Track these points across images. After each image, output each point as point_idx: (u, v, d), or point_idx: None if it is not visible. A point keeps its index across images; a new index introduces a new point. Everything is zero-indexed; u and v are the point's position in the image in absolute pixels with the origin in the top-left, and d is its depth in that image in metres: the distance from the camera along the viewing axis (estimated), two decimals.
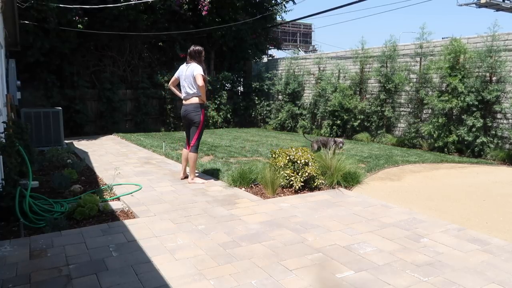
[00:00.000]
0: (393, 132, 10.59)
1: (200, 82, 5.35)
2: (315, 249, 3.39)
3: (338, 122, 11.53)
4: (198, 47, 5.61)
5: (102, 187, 5.32)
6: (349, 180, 5.58)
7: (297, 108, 13.26)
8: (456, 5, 25.27)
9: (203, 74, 5.40)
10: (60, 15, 10.37)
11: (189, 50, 5.61)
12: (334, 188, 5.48)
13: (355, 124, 11.14)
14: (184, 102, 5.66)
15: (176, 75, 5.77)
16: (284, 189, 5.31)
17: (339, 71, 11.94)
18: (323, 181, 5.49)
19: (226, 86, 14.96)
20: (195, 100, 5.53)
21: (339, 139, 7.70)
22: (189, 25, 13.28)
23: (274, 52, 26.39)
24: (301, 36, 45.18)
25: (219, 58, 15.18)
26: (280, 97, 14.04)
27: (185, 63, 5.69)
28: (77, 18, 10.83)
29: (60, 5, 10.16)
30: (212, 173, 6.25)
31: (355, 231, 3.85)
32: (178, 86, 5.87)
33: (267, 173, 5.16)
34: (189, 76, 5.49)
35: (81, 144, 9.85)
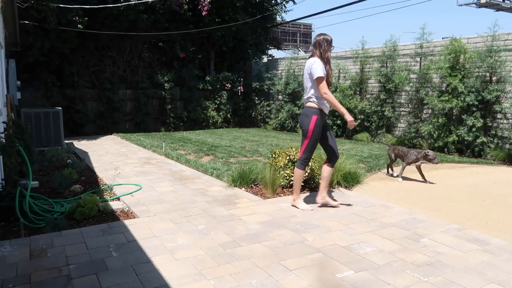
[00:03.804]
0: (393, 132, 10.59)
1: (322, 90, 4.25)
2: (315, 249, 3.39)
3: (338, 122, 11.53)
4: (322, 36, 4.37)
5: (102, 187, 5.32)
6: (349, 180, 5.58)
7: (297, 108, 13.25)
8: (456, 5, 25.31)
9: (322, 75, 4.23)
10: (60, 15, 10.37)
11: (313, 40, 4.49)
12: (334, 188, 5.48)
13: (355, 124, 11.12)
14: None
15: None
16: (284, 189, 5.31)
17: (339, 71, 11.94)
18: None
19: (226, 86, 14.96)
20: (309, 103, 4.43)
21: (430, 152, 5.83)
22: (189, 25, 13.28)
23: (274, 52, 26.37)
24: (301, 36, 45.18)
25: (219, 58, 15.18)
26: (280, 97, 14.04)
27: None
28: (77, 18, 10.83)
29: (60, 5, 10.16)
30: (212, 173, 6.25)
31: (355, 231, 3.85)
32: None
33: (267, 173, 5.16)
34: (305, 74, 4.43)
35: (81, 144, 9.85)
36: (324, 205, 4.60)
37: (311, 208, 4.51)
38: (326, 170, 4.55)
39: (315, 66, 4.25)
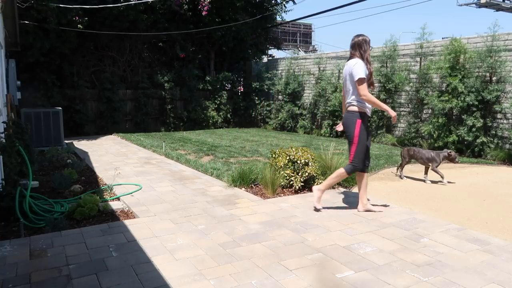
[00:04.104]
0: (393, 132, 10.59)
1: (361, 91, 4.14)
2: (315, 249, 3.39)
3: (338, 122, 11.53)
4: (360, 37, 4.29)
5: (102, 187, 5.32)
6: (349, 180, 5.58)
7: (297, 108, 13.26)
8: (456, 5, 25.32)
9: (363, 76, 4.12)
10: (60, 15, 10.37)
11: (351, 42, 4.36)
12: (334, 188, 5.48)
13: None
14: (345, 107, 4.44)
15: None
16: (284, 189, 5.31)
17: (339, 71, 11.94)
18: (323, 181, 5.49)
19: (226, 86, 14.96)
20: (351, 107, 4.31)
21: (452, 152, 5.82)
22: (189, 25, 13.29)
23: (274, 52, 26.39)
24: (301, 36, 45.14)
25: (219, 58, 15.18)
26: (280, 97, 14.04)
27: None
28: (77, 18, 10.83)
29: (60, 5, 10.16)
30: (212, 173, 6.25)
31: (355, 231, 3.85)
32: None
33: (267, 173, 5.16)
34: (346, 77, 4.32)
35: (81, 144, 9.85)
36: (367, 211, 4.46)
37: (320, 207, 4.45)
38: (361, 176, 4.42)
39: (356, 68, 4.14)
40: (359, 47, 4.26)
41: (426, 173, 6.02)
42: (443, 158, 5.82)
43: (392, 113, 4.25)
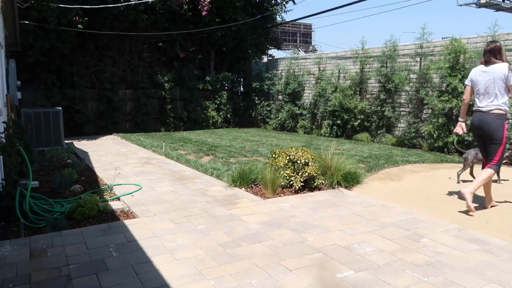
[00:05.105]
0: (393, 132, 10.59)
1: None
2: (315, 249, 3.39)
3: (338, 122, 11.53)
4: (498, 42, 4.49)
5: (102, 187, 5.32)
6: (349, 180, 5.58)
7: (297, 108, 13.26)
8: (456, 5, 25.30)
9: None
10: (60, 15, 10.38)
11: (486, 48, 4.52)
12: (334, 188, 5.48)
13: (355, 124, 11.13)
14: (481, 109, 4.54)
15: (470, 82, 4.68)
16: (284, 189, 5.31)
17: (339, 71, 11.94)
18: (323, 181, 5.50)
19: (226, 86, 14.97)
20: (499, 111, 4.45)
21: None
22: (189, 25, 13.29)
23: (274, 52, 26.35)
24: (301, 36, 45.10)
25: (219, 58, 15.18)
26: (280, 97, 14.04)
27: (480, 65, 4.63)
28: (77, 18, 10.83)
29: (60, 5, 10.16)
30: (212, 173, 6.25)
31: (355, 231, 3.85)
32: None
33: (267, 173, 5.16)
34: (493, 79, 4.43)
35: (81, 144, 9.86)
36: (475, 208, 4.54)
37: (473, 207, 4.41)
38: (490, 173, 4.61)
39: None
40: (499, 52, 4.46)
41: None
42: (506, 157, 6.20)
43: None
